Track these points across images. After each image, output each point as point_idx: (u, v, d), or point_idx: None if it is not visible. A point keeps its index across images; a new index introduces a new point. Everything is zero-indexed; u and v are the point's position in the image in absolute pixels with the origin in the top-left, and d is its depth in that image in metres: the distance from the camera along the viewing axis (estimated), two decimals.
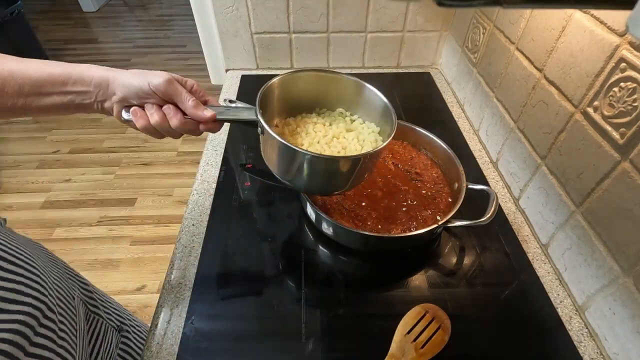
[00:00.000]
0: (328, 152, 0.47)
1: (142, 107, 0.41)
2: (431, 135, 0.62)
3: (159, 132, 0.42)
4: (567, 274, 0.49)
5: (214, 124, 0.44)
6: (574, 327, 0.46)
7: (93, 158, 1.90)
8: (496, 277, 0.51)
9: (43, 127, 2.08)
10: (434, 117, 0.81)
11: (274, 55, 0.91)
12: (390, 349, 0.43)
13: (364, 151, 0.47)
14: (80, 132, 2.06)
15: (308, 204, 0.50)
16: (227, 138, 0.73)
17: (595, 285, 0.44)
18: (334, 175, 0.46)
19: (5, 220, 0.46)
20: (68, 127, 2.08)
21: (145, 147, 1.97)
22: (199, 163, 0.68)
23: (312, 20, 0.85)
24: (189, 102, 0.41)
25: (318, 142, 0.48)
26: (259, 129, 0.44)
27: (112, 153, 1.93)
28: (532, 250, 0.55)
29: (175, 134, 0.43)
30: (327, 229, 0.53)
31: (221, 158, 0.68)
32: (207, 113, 0.42)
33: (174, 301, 0.48)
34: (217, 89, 0.89)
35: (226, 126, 0.75)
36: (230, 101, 0.48)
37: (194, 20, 0.87)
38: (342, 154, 0.47)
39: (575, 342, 0.45)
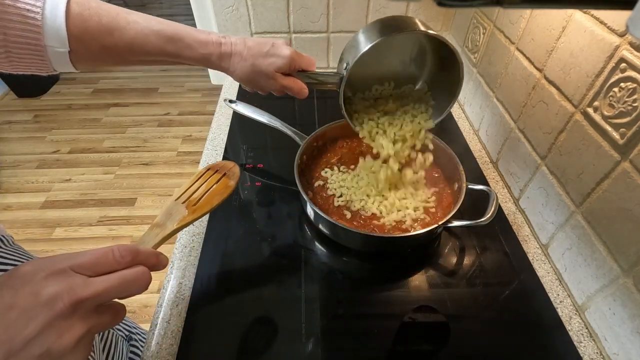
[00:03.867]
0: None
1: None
2: (431, 135, 0.62)
3: None
4: (567, 274, 0.49)
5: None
6: (574, 327, 0.46)
7: (93, 158, 1.90)
8: (496, 277, 0.51)
9: (43, 127, 2.09)
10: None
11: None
12: (155, 220, 0.39)
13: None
14: (80, 132, 2.06)
15: (308, 204, 0.50)
16: (227, 138, 0.73)
17: (595, 285, 0.44)
18: None
19: (12, 237, 0.47)
20: (68, 127, 2.09)
21: (145, 147, 1.97)
22: (198, 163, 0.68)
23: (312, 20, 0.85)
24: (294, 93, 0.49)
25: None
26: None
27: (112, 153, 1.93)
28: (532, 250, 0.55)
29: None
30: (327, 229, 0.53)
31: (221, 158, 0.68)
32: (305, 94, 0.50)
33: (174, 301, 0.48)
34: (218, 89, 0.89)
35: (225, 127, 0.75)
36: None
37: (194, 20, 0.87)
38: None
39: (575, 342, 0.45)
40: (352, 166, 0.62)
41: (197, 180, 0.44)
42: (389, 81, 0.57)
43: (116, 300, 0.28)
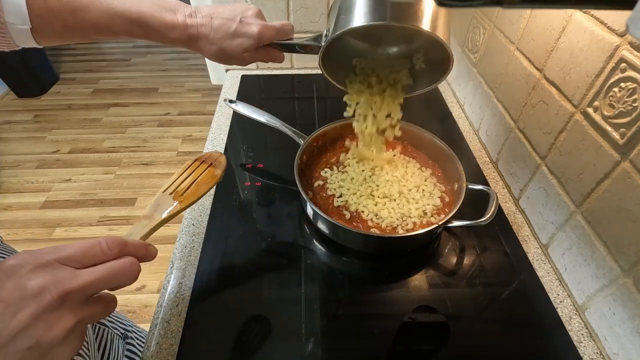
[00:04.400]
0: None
1: None
2: (431, 135, 0.62)
3: None
4: (567, 274, 0.49)
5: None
6: (574, 327, 0.46)
7: (93, 158, 1.90)
8: (496, 277, 0.51)
9: (43, 127, 2.09)
10: (434, 117, 0.81)
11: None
12: (143, 212, 0.39)
13: None
14: (80, 132, 2.06)
15: (308, 204, 0.50)
16: (227, 138, 0.73)
17: (595, 285, 0.44)
18: None
19: (1, 237, 0.47)
20: (68, 127, 2.09)
21: (145, 147, 1.97)
22: None
23: (312, 20, 0.85)
24: (270, 61, 0.48)
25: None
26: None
27: (112, 153, 1.93)
28: (532, 250, 0.55)
29: None
30: (326, 229, 0.53)
31: None
32: (280, 60, 0.49)
33: (174, 301, 0.48)
34: (218, 89, 0.89)
35: (225, 127, 0.75)
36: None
37: None
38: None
39: (575, 342, 0.45)
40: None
41: (184, 172, 0.44)
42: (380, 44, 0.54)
43: (107, 291, 0.28)
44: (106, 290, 0.28)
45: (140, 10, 0.41)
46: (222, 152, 0.69)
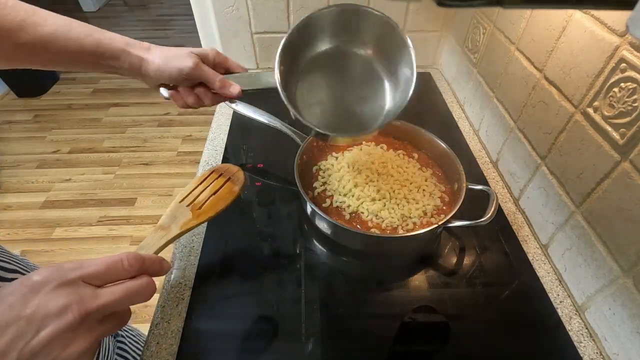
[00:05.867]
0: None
1: (176, 88, 0.46)
2: (431, 135, 0.62)
3: (196, 107, 0.47)
4: (567, 274, 0.49)
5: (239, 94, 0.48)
6: (573, 327, 0.46)
7: (93, 158, 1.90)
8: (496, 277, 0.51)
9: (43, 127, 2.08)
10: (434, 117, 0.80)
11: (274, 55, 0.91)
12: (159, 222, 0.39)
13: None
14: (80, 132, 2.06)
15: (308, 203, 0.50)
16: (227, 138, 0.73)
17: (595, 285, 0.44)
18: None
19: None
20: (68, 127, 2.09)
21: (145, 147, 1.97)
22: (199, 163, 0.68)
23: None
24: (216, 84, 0.45)
25: None
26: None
27: (112, 153, 1.93)
28: (532, 251, 0.55)
29: (212, 105, 0.49)
30: (326, 229, 0.53)
31: (221, 158, 0.68)
32: (234, 91, 0.46)
33: (174, 301, 0.48)
34: None
35: (225, 126, 0.75)
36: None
37: (194, 20, 0.87)
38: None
39: (575, 342, 0.45)
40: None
41: (201, 183, 0.44)
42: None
43: None
44: None
45: (99, 42, 0.41)
46: (222, 152, 0.69)
